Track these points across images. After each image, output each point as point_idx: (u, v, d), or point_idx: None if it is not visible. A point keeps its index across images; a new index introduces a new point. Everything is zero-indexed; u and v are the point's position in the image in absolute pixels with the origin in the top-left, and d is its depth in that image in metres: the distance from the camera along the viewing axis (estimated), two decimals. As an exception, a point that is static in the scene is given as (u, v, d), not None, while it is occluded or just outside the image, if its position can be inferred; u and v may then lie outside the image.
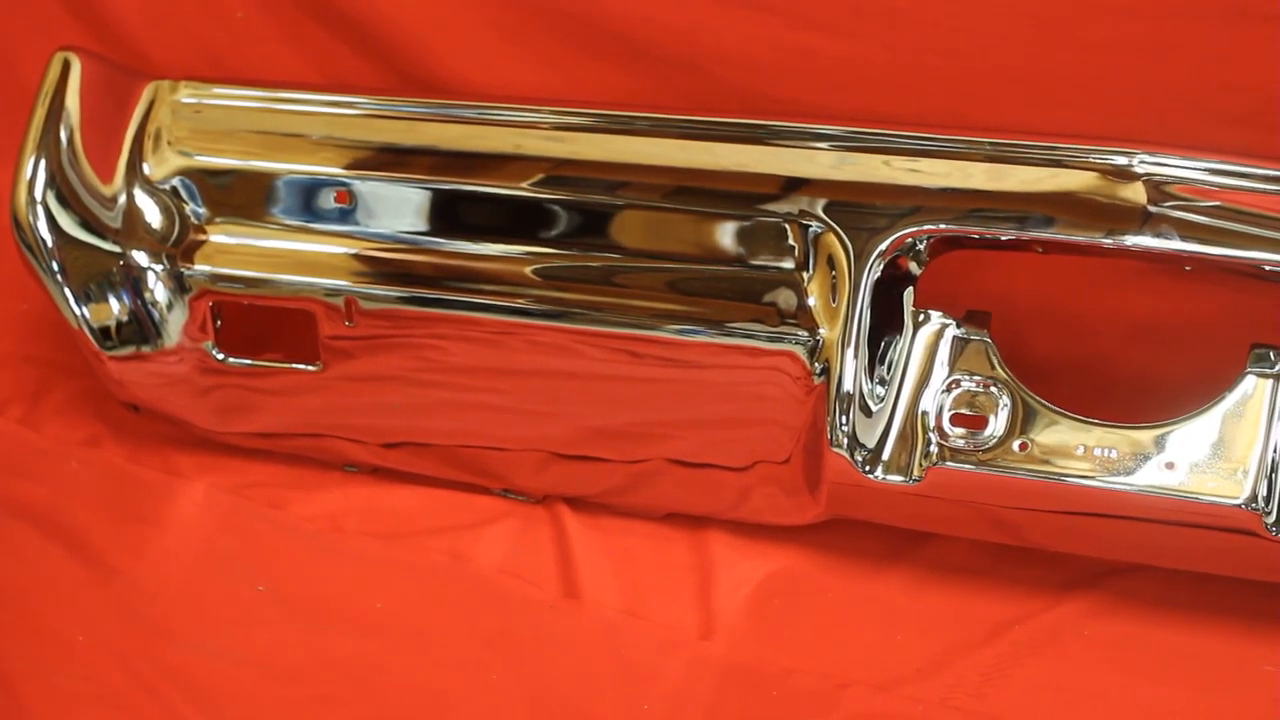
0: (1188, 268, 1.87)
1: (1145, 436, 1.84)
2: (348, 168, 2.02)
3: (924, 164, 1.88)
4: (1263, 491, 1.80)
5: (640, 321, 1.93)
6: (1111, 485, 1.83)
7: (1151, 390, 1.91)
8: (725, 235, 1.91)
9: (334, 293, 2.01)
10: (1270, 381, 1.83)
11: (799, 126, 1.94)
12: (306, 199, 2.05)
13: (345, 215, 2.04)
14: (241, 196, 2.06)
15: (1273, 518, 1.80)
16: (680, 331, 1.92)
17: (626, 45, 2.06)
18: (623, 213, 1.95)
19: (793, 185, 1.91)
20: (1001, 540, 1.93)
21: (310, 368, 2.06)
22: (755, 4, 2.01)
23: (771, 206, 1.91)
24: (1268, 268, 1.82)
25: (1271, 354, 1.84)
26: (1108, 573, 1.95)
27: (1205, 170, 1.83)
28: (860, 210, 1.88)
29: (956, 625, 1.91)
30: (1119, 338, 2.03)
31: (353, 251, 2.03)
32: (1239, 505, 1.81)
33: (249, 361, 2.09)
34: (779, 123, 1.95)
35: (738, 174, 1.93)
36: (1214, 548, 1.84)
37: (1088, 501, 1.84)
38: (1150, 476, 1.83)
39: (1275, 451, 1.81)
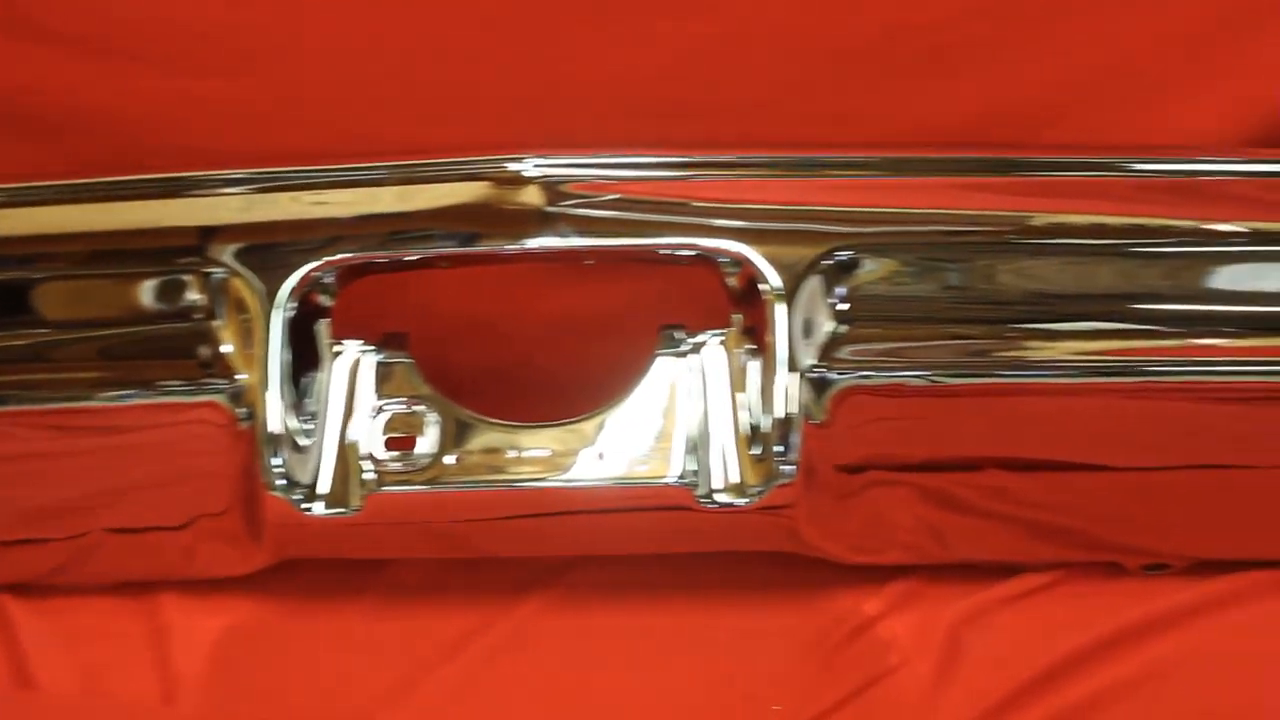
0: (589, 261, 1.90)
1: (574, 431, 1.89)
2: None
3: (331, 195, 1.87)
4: (690, 466, 1.86)
5: (69, 394, 1.87)
6: (548, 484, 1.87)
7: (577, 385, 1.95)
8: (141, 294, 1.89)
9: None
10: (682, 359, 1.87)
11: (211, 175, 1.92)
12: None
13: None
14: None
15: (702, 490, 1.84)
16: (108, 398, 1.87)
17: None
18: (41, 286, 1.89)
19: (201, 235, 1.89)
20: (452, 554, 1.95)
21: None
22: (128, 55, 1.97)
23: (181, 259, 1.87)
24: (663, 251, 1.86)
25: (678, 333, 1.88)
26: (560, 568, 1.98)
27: (599, 166, 1.88)
28: (267, 250, 1.87)
29: (419, 646, 1.91)
30: (537, 338, 2.07)
31: None
32: (671, 483, 1.84)
33: None
34: (191, 174, 1.92)
35: (147, 231, 1.90)
36: (654, 527, 1.89)
37: (528, 503, 1.88)
38: (584, 469, 1.88)
39: (695, 426, 1.85)
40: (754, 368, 1.88)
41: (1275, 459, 1.89)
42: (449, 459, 1.87)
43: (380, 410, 1.88)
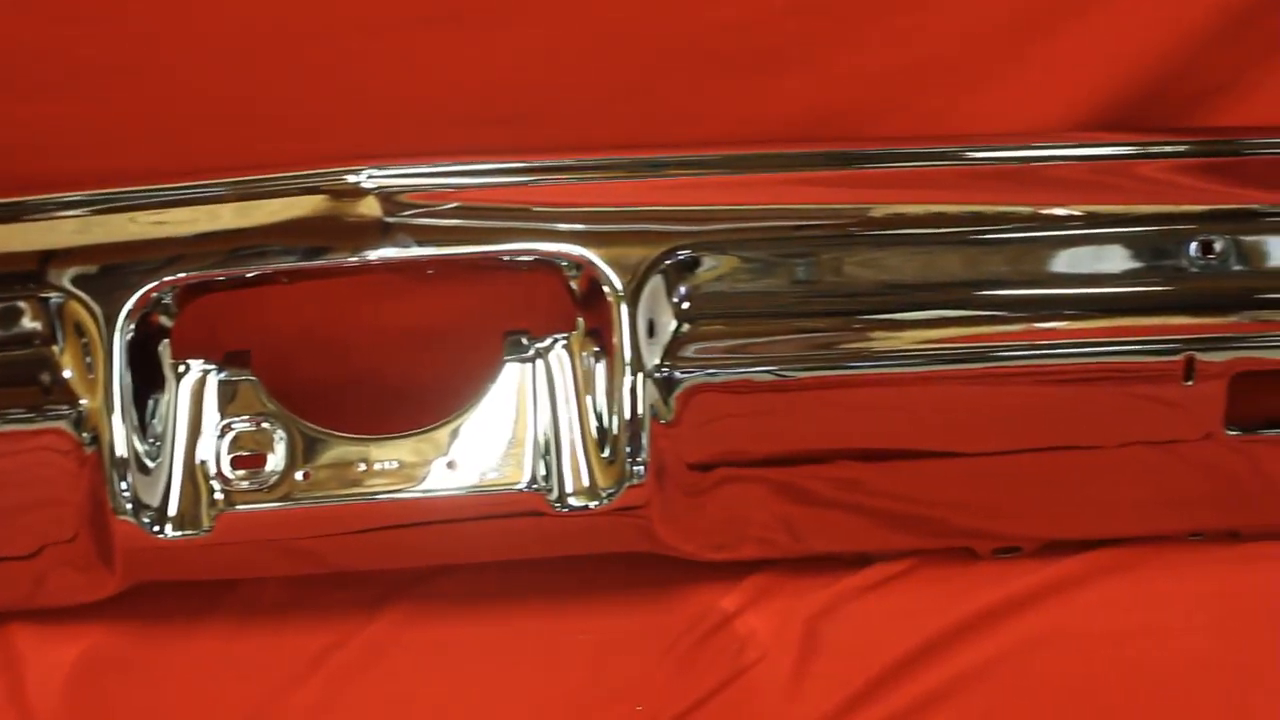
0: (430, 271, 1.89)
1: (423, 442, 1.88)
2: None
3: (169, 214, 1.86)
4: (541, 471, 1.85)
5: None
6: (399, 496, 1.86)
7: (425, 395, 1.94)
8: None
9: None
10: (528, 365, 1.87)
11: (46, 198, 1.90)
12: None
13: None
14: None
15: (554, 494, 1.84)
16: (-49, 430, 1.83)
17: None
18: None
19: (36, 259, 1.86)
20: (307, 571, 1.94)
21: None
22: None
23: (17, 285, 1.85)
24: (505, 258, 1.86)
25: (524, 338, 1.88)
26: (417, 580, 1.98)
27: (437, 174, 1.87)
28: (105, 273, 1.85)
29: (277, 664, 1.90)
30: (383, 350, 2.06)
31: None
32: (523, 489, 1.84)
33: None
34: (26, 198, 1.90)
35: (-15, 257, 1.85)
36: (509, 534, 1.90)
37: (379, 516, 1.87)
38: (436, 479, 1.87)
39: (545, 430, 1.85)
40: (600, 370, 1.87)
41: (1117, 437, 1.90)
42: (299, 475, 1.86)
43: (227, 429, 1.87)
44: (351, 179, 1.86)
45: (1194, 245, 1.88)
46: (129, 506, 1.84)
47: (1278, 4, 1.96)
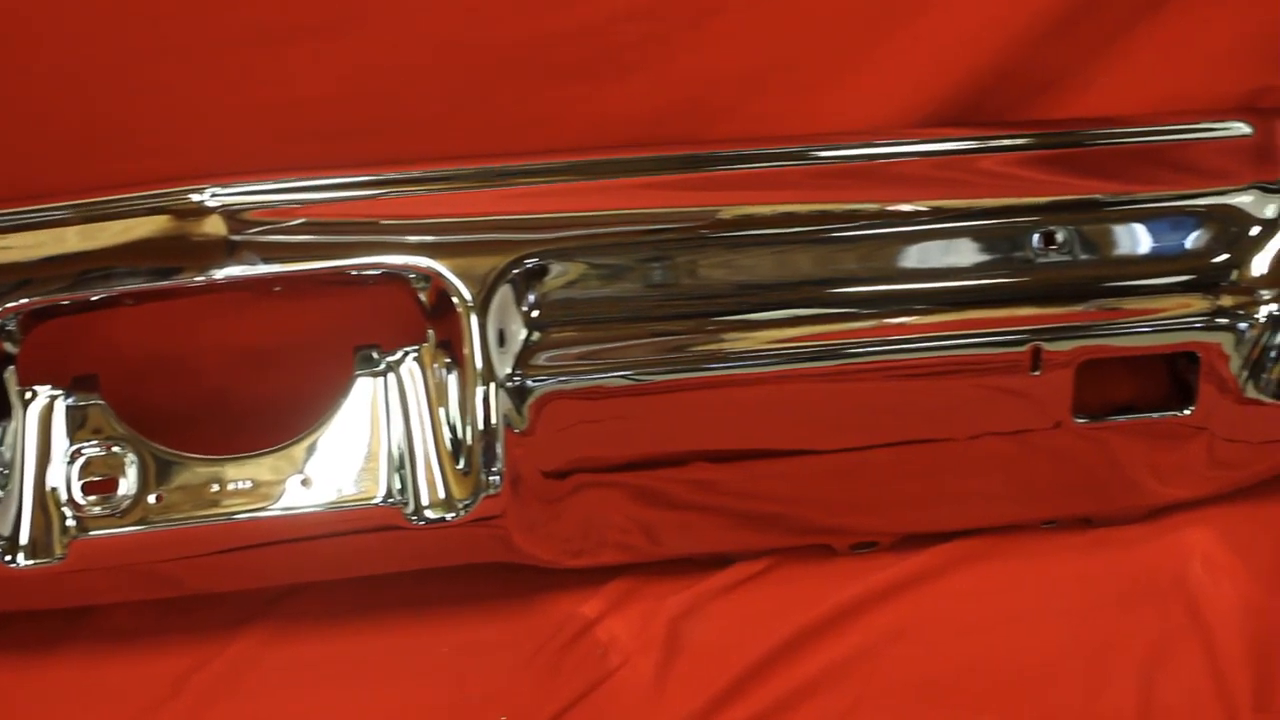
0: (277, 288, 1.88)
1: (275, 460, 1.88)
2: None
3: (12, 239, 1.84)
4: (396, 485, 1.85)
5: None
6: (254, 515, 1.85)
7: (277, 413, 1.92)
8: None
9: None
10: (380, 379, 1.86)
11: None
12: None
13: None
14: None
15: (410, 508, 1.84)
16: None
17: None
18: None
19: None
20: (165, 594, 1.93)
21: None
22: None
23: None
24: (353, 272, 1.85)
25: (374, 353, 1.88)
26: (275, 599, 1.97)
27: (282, 190, 1.86)
28: None
29: (137, 689, 1.90)
30: (232, 369, 2.04)
31: None
32: (379, 504, 1.84)
33: None
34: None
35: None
36: (367, 549, 1.89)
37: (235, 536, 1.86)
38: (290, 497, 1.87)
39: (399, 444, 1.84)
40: (452, 381, 1.87)
41: (968, 430, 1.93)
42: (151, 498, 1.85)
43: (77, 455, 1.85)
44: (195, 198, 1.84)
45: (1037, 237, 1.89)
46: (-19, 538, 1.79)
47: (1110, -2, 1.98)
